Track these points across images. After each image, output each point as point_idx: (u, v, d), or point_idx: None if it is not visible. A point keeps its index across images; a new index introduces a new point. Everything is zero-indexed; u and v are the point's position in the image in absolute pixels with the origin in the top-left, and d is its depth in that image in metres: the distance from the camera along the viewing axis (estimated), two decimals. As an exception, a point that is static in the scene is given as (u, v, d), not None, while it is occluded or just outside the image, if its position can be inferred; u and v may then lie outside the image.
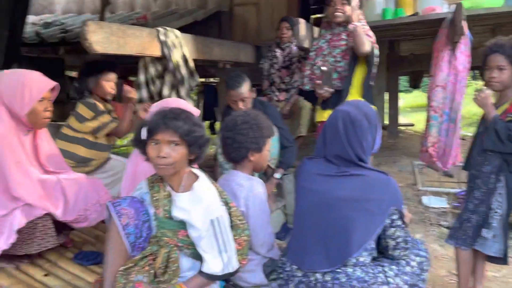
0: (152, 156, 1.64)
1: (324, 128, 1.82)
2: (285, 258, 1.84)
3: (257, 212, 1.95)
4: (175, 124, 1.59)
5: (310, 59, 3.12)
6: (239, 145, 1.97)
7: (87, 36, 2.41)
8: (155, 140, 1.63)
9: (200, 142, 1.66)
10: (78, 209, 2.24)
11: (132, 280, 1.63)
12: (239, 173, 2.05)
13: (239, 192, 1.96)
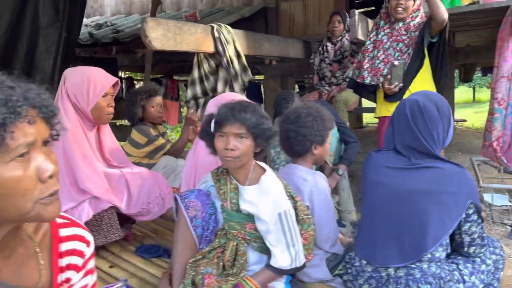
0: (219, 149, 1.64)
1: (392, 118, 1.76)
2: (353, 253, 1.79)
3: (321, 207, 1.92)
4: (243, 116, 1.58)
5: (367, 52, 3.03)
6: (303, 138, 1.94)
7: (147, 33, 2.44)
8: (223, 133, 1.62)
9: (267, 134, 1.64)
10: (142, 202, 2.28)
11: (201, 272, 1.64)
12: (299, 167, 2.02)
13: (303, 187, 1.92)
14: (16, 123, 0.75)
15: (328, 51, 4.06)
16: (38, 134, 0.79)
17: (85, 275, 1.05)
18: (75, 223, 1.04)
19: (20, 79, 0.84)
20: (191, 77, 3.19)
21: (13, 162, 0.76)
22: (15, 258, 0.89)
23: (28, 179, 0.77)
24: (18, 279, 0.90)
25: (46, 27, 3.74)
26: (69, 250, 0.99)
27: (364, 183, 1.80)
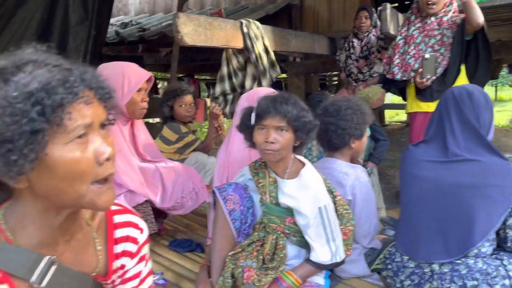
0: (259, 142, 1.63)
1: (438, 107, 1.74)
2: (393, 249, 1.76)
3: (363, 201, 1.89)
4: (284, 108, 1.56)
5: (398, 47, 2.99)
6: (343, 131, 1.91)
7: (179, 28, 2.45)
8: (263, 125, 1.61)
9: (308, 127, 1.62)
10: (176, 196, 2.29)
11: (241, 265, 1.63)
12: (338, 161, 1.99)
13: (344, 181, 1.90)
14: (74, 104, 0.75)
15: (355, 47, 4.01)
16: (95, 116, 0.79)
17: (139, 261, 1.05)
18: (128, 210, 1.04)
19: (76, 62, 0.84)
20: (219, 73, 3.19)
21: (71, 143, 0.75)
22: (74, 243, 0.90)
23: (86, 160, 0.77)
24: (77, 264, 0.91)
25: (75, 25, 3.79)
26: (123, 237, 1.00)
27: (403, 178, 1.77)
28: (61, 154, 0.75)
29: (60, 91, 0.73)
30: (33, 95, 0.71)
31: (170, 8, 6.19)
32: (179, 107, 3.02)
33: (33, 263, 0.81)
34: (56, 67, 0.77)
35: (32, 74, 0.74)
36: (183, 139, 2.99)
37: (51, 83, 0.73)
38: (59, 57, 0.83)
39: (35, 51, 0.82)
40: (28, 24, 3.48)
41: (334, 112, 1.94)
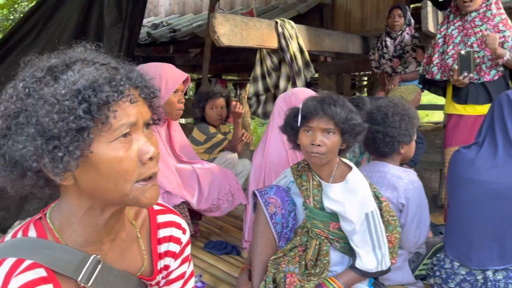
0: (304, 144, 1.58)
1: (492, 109, 1.65)
2: (442, 254, 1.68)
3: (417, 207, 1.84)
4: (332, 110, 1.51)
5: (438, 46, 2.89)
6: (392, 139, 1.85)
7: (216, 29, 2.43)
8: (309, 127, 1.56)
9: (356, 130, 1.56)
10: (212, 198, 2.27)
11: (283, 270, 1.59)
12: (389, 165, 1.92)
13: (398, 184, 1.83)
14: (119, 102, 0.75)
15: (388, 46, 3.91)
16: (139, 115, 0.78)
17: (182, 262, 1.03)
18: (170, 210, 1.03)
19: (123, 61, 0.84)
20: (253, 73, 3.16)
21: (116, 142, 0.75)
22: (119, 242, 0.89)
23: (129, 159, 0.76)
24: (121, 263, 0.90)
25: (109, 27, 3.83)
26: (166, 237, 0.98)
27: (453, 181, 1.69)
28: (106, 152, 0.75)
29: (106, 89, 0.73)
30: (80, 92, 0.72)
31: (200, 9, 6.21)
32: (210, 109, 3.03)
33: (80, 262, 0.81)
34: (103, 66, 0.77)
35: (80, 72, 0.74)
36: (211, 140, 2.99)
37: (98, 81, 0.73)
38: (107, 56, 0.83)
39: (84, 50, 0.83)
40: (65, 26, 3.54)
41: (380, 119, 1.87)
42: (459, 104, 2.80)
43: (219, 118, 3.07)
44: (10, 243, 0.80)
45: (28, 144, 0.72)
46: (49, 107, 0.71)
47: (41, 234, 0.82)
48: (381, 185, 1.82)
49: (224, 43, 2.51)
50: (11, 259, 0.76)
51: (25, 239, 0.81)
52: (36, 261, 0.76)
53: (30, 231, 0.83)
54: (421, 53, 3.73)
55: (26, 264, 0.76)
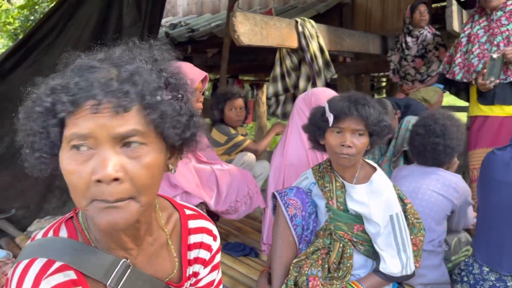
0: (333, 145, 1.53)
1: None
2: (470, 259, 1.62)
3: (465, 210, 1.90)
4: (366, 111, 1.46)
5: (461, 46, 2.82)
6: (452, 151, 1.91)
7: (236, 28, 2.41)
8: (339, 128, 1.52)
9: (386, 132, 1.52)
10: (230, 200, 2.24)
11: (305, 273, 1.55)
12: (441, 169, 1.98)
13: (457, 187, 1.91)
14: (78, 110, 0.67)
15: (410, 47, 3.82)
16: (100, 128, 0.66)
17: (212, 270, 1.01)
18: (202, 215, 0.99)
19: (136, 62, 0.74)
20: (272, 73, 3.13)
21: (71, 152, 0.68)
22: (147, 247, 0.87)
23: (77, 175, 0.67)
24: (150, 268, 0.87)
25: (129, 27, 3.84)
26: (197, 243, 0.95)
27: (486, 184, 1.63)
28: (62, 160, 0.70)
29: (61, 98, 0.67)
30: (54, 92, 0.69)
31: (218, 9, 6.20)
32: (229, 111, 3.01)
33: (110, 266, 0.79)
34: (104, 68, 0.71)
35: (63, 76, 0.72)
36: (232, 140, 2.97)
37: (57, 88, 0.69)
38: (104, 56, 0.75)
39: (125, 48, 0.79)
40: (85, 26, 3.56)
41: (440, 131, 1.91)
42: (485, 105, 2.73)
43: (239, 119, 3.04)
44: (41, 243, 0.79)
45: (25, 137, 0.74)
46: (27, 105, 0.72)
47: (72, 234, 0.80)
48: (442, 184, 1.89)
49: (244, 42, 2.48)
50: (42, 259, 0.75)
51: (56, 239, 0.79)
52: (66, 263, 0.75)
53: (61, 230, 0.81)
54: (444, 51, 3.65)
55: (56, 266, 0.74)
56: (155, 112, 0.69)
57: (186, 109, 0.76)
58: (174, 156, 0.82)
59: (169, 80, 0.75)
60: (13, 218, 2.76)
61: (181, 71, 0.81)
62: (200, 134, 0.81)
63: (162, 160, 0.74)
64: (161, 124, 0.71)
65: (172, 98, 0.74)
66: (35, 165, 0.75)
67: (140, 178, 0.69)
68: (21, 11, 8.84)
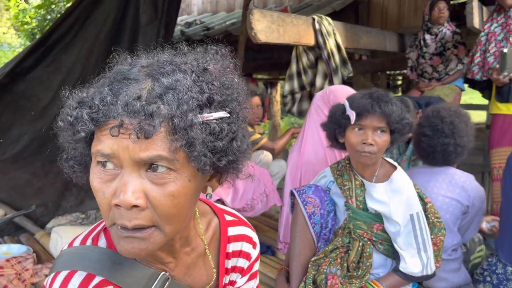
0: (354, 142, 1.51)
1: None
2: (493, 259, 1.59)
3: (480, 210, 1.83)
4: (389, 108, 1.44)
5: (480, 45, 2.77)
6: (463, 149, 1.84)
7: (253, 25, 2.40)
8: (360, 125, 1.50)
9: (407, 130, 1.50)
10: (246, 198, 2.24)
11: (324, 271, 1.54)
12: (451, 168, 1.91)
13: (466, 185, 1.82)
14: (100, 127, 0.62)
15: (428, 44, 3.76)
16: (123, 150, 0.61)
17: (250, 279, 0.97)
18: (242, 222, 0.94)
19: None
20: (288, 71, 3.11)
21: (97, 168, 0.64)
22: (184, 257, 0.82)
23: (101, 194, 0.64)
24: (188, 279, 0.84)
25: (145, 25, 3.86)
26: (236, 252, 0.91)
27: (510, 182, 1.60)
28: (90, 174, 0.66)
29: (82, 115, 0.62)
30: (79, 106, 0.63)
31: (233, 7, 6.20)
32: None
33: (149, 280, 0.75)
34: (138, 80, 0.64)
35: (92, 88, 0.67)
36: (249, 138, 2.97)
37: (82, 103, 0.64)
38: (142, 66, 0.67)
39: (173, 54, 0.71)
40: (103, 24, 3.59)
41: (449, 132, 1.81)
42: (502, 103, 2.68)
43: (255, 117, 3.03)
44: (80, 252, 0.75)
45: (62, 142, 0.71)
46: (64, 119, 0.66)
47: (110, 245, 0.76)
48: (449, 185, 1.82)
49: (262, 40, 2.47)
50: (81, 273, 0.71)
51: (95, 250, 0.75)
52: (106, 278, 0.71)
53: (100, 240, 0.77)
54: (463, 49, 3.58)
55: (96, 282, 0.71)
56: (183, 138, 0.61)
57: (229, 130, 0.66)
58: (215, 178, 0.73)
59: (213, 96, 0.65)
60: (32, 216, 2.80)
61: (235, 82, 0.71)
62: (242, 161, 0.71)
63: (192, 188, 0.66)
64: (190, 153, 0.62)
65: (214, 117, 0.64)
66: (69, 172, 0.72)
67: (163, 207, 0.63)
68: (38, 10, 8.97)
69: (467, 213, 1.80)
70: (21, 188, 2.94)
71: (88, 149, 0.66)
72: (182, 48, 0.72)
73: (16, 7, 9.78)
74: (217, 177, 0.73)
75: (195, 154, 0.62)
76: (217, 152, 0.65)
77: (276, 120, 7.22)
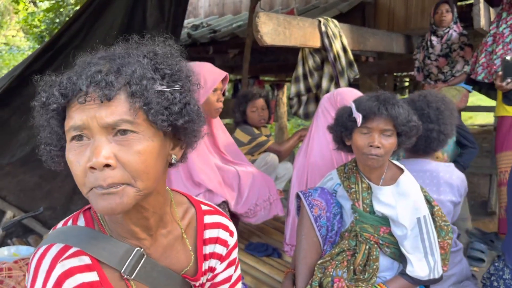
0: (360, 145, 1.51)
1: None
2: (500, 263, 1.58)
3: (464, 194, 1.82)
4: (396, 111, 1.44)
5: (486, 46, 2.75)
6: (445, 136, 1.79)
7: (259, 28, 2.40)
8: (367, 128, 1.49)
9: (414, 133, 1.50)
10: (250, 202, 2.24)
11: (331, 274, 1.53)
12: (432, 162, 1.86)
13: (452, 180, 1.78)
14: (74, 102, 0.72)
15: (434, 45, 3.74)
16: (91, 119, 0.70)
17: (228, 266, 1.01)
18: (218, 211, 1.01)
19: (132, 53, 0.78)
20: (295, 73, 3.12)
21: (72, 143, 0.73)
22: (160, 238, 0.89)
23: (76, 164, 0.72)
24: (165, 260, 0.89)
25: (152, 29, 3.88)
26: (213, 238, 0.97)
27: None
28: (66, 152, 0.75)
29: (53, 92, 0.73)
30: (50, 88, 0.74)
31: (239, 10, 6.22)
32: (252, 112, 3.02)
33: (124, 254, 0.81)
34: (87, 64, 0.76)
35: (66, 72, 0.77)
36: (255, 140, 2.99)
37: (53, 83, 0.75)
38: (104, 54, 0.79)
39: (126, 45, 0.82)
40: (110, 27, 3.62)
41: (435, 117, 1.78)
42: (509, 106, 2.65)
43: (261, 119, 3.05)
44: (60, 230, 0.83)
45: (38, 132, 0.81)
46: (37, 105, 0.77)
47: (88, 223, 0.85)
48: (438, 186, 1.77)
49: (268, 42, 2.47)
50: (59, 245, 0.78)
51: (73, 227, 0.83)
52: (81, 248, 0.78)
53: (79, 220, 0.85)
54: (470, 51, 3.56)
55: (72, 251, 0.78)
56: (140, 99, 0.72)
57: (181, 98, 0.77)
58: (178, 146, 0.84)
59: (165, 71, 0.77)
60: (40, 218, 2.82)
61: (183, 64, 0.83)
62: (196, 122, 0.81)
63: (156, 147, 0.75)
64: (148, 112, 0.72)
65: (167, 88, 0.76)
66: (48, 158, 0.81)
67: (132, 164, 0.71)
68: (47, 14, 9.06)
69: (458, 203, 1.80)
70: (30, 191, 2.97)
71: (62, 129, 0.76)
72: (134, 40, 0.85)
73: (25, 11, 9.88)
74: (180, 144, 0.84)
75: (152, 112, 0.72)
76: (174, 113, 0.75)
77: (283, 121, 7.22)
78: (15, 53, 10.70)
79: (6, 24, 12.25)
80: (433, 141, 1.78)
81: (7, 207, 2.81)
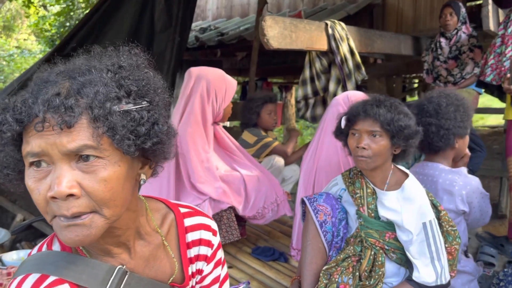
0: (351, 147, 1.55)
1: None
2: (510, 269, 1.56)
3: (479, 206, 1.75)
4: (375, 111, 1.45)
5: (495, 47, 2.72)
6: (447, 132, 1.74)
7: (265, 32, 2.41)
8: (355, 130, 1.52)
9: (406, 133, 1.47)
10: (258, 206, 2.25)
11: (336, 281, 1.53)
12: (440, 166, 1.82)
13: (453, 188, 1.72)
14: (26, 129, 0.67)
15: (442, 47, 3.71)
16: (51, 146, 0.65)
17: (216, 266, 0.99)
18: (198, 212, 0.97)
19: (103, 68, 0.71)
20: (302, 76, 3.11)
21: (30, 169, 0.68)
22: (139, 249, 0.85)
23: (36, 192, 0.67)
24: (150, 272, 0.86)
25: (160, 32, 3.92)
26: (195, 240, 0.94)
27: None
28: (25, 177, 0.69)
29: (7, 118, 0.66)
30: (3, 111, 0.68)
31: (247, 12, 6.23)
32: (267, 114, 3.05)
33: (106, 274, 0.77)
34: (55, 82, 0.69)
35: (20, 93, 0.70)
36: (262, 140, 3.02)
37: (7, 107, 0.68)
38: (58, 70, 0.72)
39: (88, 58, 0.77)
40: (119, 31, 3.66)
41: (433, 110, 1.76)
42: None
43: (275, 122, 3.10)
44: (35, 258, 0.78)
45: None
46: None
47: (64, 247, 0.80)
48: (435, 192, 1.73)
49: (274, 46, 2.47)
50: (35, 275, 0.74)
51: (49, 253, 0.78)
52: (60, 276, 0.74)
53: (54, 244, 0.80)
54: (479, 53, 3.52)
55: (50, 281, 0.73)
56: (103, 124, 0.66)
57: (149, 116, 0.72)
58: (147, 165, 0.79)
59: (130, 87, 0.71)
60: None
61: (150, 75, 0.77)
62: (166, 143, 0.76)
63: (123, 172, 0.70)
64: (113, 137, 0.67)
65: (133, 106, 0.70)
66: (6, 182, 0.74)
67: (98, 193, 0.67)
68: (58, 17, 9.17)
69: (467, 213, 1.73)
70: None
71: (19, 154, 0.70)
72: (96, 51, 0.78)
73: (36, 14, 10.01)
74: (149, 163, 0.79)
75: (118, 137, 0.67)
76: (141, 136, 0.70)
77: (291, 123, 7.21)
78: (26, 56, 10.83)
79: (17, 27, 12.42)
80: (433, 136, 1.75)
81: (17, 211, 2.85)
